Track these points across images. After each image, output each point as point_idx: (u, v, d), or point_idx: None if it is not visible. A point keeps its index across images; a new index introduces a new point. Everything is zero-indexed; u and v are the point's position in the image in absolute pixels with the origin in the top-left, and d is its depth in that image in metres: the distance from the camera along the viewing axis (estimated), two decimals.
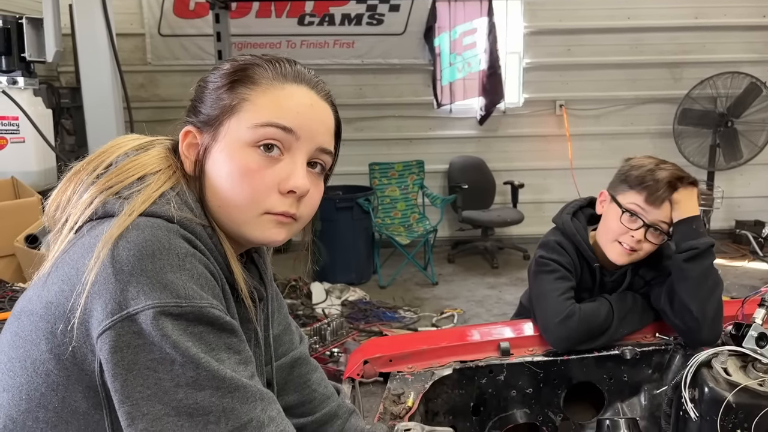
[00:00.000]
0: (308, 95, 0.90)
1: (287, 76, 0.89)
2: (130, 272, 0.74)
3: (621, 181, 1.67)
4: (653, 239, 1.63)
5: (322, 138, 0.91)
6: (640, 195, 1.61)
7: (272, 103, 0.87)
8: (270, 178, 0.86)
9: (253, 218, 0.87)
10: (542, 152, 6.24)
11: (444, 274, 5.49)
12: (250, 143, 0.86)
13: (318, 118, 0.90)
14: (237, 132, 0.87)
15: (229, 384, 0.76)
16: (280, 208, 0.87)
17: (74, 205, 0.85)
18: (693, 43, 6.10)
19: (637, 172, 1.64)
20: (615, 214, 1.64)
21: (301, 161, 0.88)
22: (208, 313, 0.76)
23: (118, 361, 0.73)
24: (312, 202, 0.91)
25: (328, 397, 1.15)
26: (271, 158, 0.86)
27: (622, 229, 1.62)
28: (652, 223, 1.61)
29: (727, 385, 1.37)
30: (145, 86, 5.93)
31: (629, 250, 1.63)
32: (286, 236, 0.90)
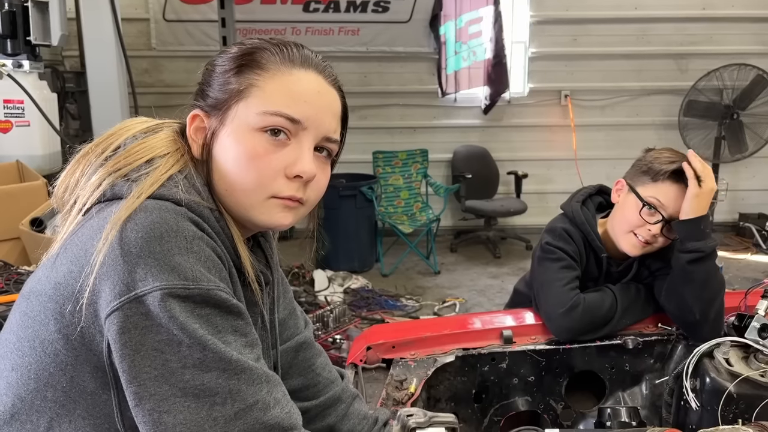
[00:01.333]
0: (316, 81, 0.90)
1: (295, 61, 0.89)
2: (138, 254, 0.74)
3: (642, 172, 1.62)
4: (670, 235, 1.59)
5: (329, 125, 0.91)
6: (661, 188, 1.57)
7: (280, 90, 0.87)
8: (277, 162, 0.87)
9: (260, 202, 0.87)
10: (546, 142, 6.23)
11: (446, 263, 5.50)
12: (258, 128, 0.86)
13: (325, 105, 0.91)
14: (245, 117, 0.87)
15: (236, 366, 0.76)
16: (287, 192, 0.87)
17: (83, 187, 0.85)
18: (700, 35, 6.07)
19: (666, 164, 1.58)
20: (633, 206, 1.60)
21: (308, 146, 0.89)
22: (215, 295, 0.77)
23: (126, 341, 0.74)
24: (319, 187, 0.92)
25: (332, 382, 1.15)
26: (278, 143, 0.87)
27: (640, 222, 1.59)
28: (672, 218, 1.57)
29: (729, 375, 1.37)
30: (149, 72, 5.92)
31: (644, 243, 1.60)
32: (292, 220, 0.91)
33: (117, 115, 2.96)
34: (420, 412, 1.27)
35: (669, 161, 1.58)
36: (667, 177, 1.57)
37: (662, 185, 1.57)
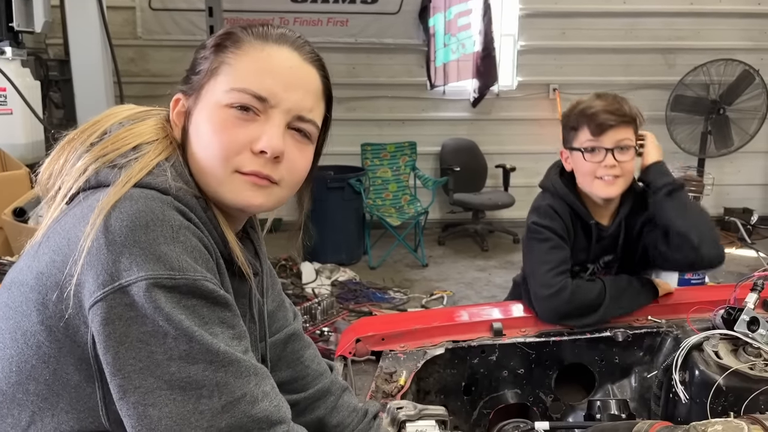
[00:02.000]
0: (289, 57, 0.88)
1: (269, 37, 0.88)
2: (123, 243, 0.72)
3: (567, 130, 1.76)
4: (625, 157, 1.68)
5: (302, 103, 0.87)
6: (586, 131, 1.69)
7: (249, 66, 0.85)
8: (242, 136, 0.84)
9: (225, 177, 0.84)
10: (535, 136, 6.22)
11: (434, 256, 5.49)
12: (225, 105, 0.84)
13: (298, 81, 0.88)
14: (214, 94, 0.85)
15: (223, 358, 0.74)
16: (250, 167, 0.84)
17: (67, 173, 0.83)
18: (687, 30, 6.08)
19: (573, 113, 1.73)
20: (579, 158, 1.71)
21: (277, 123, 0.85)
22: (201, 286, 0.75)
23: (110, 333, 0.72)
24: (295, 168, 0.89)
25: (321, 374, 1.14)
26: (246, 117, 0.84)
27: (593, 166, 1.68)
28: (614, 146, 1.67)
29: (718, 368, 1.38)
30: (135, 61, 5.85)
31: (612, 179, 1.68)
32: (264, 201, 0.87)
33: (102, 104, 2.91)
34: (410, 405, 1.26)
35: (576, 111, 1.72)
36: (583, 120, 1.69)
37: (584, 129, 1.69)
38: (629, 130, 1.69)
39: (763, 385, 1.33)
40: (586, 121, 1.68)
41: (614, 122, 1.66)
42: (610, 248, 1.79)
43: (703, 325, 1.55)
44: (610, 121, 1.66)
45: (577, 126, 1.71)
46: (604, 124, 1.66)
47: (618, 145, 1.66)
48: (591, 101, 1.71)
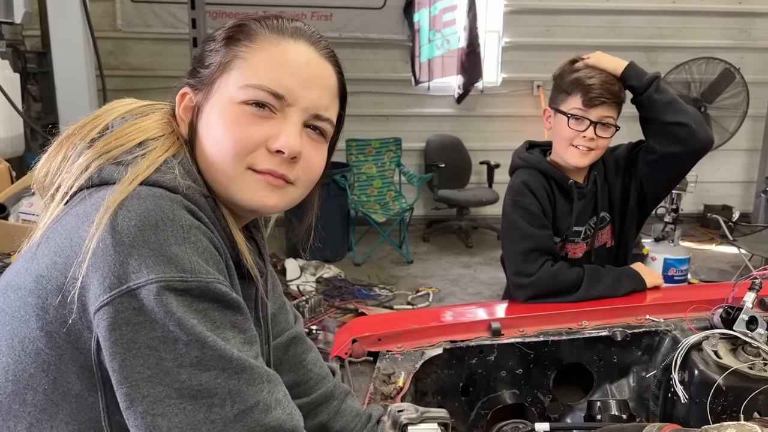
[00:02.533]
0: (305, 52, 0.84)
1: (284, 31, 0.84)
2: (131, 243, 0.69)
3: (558, 91, 1.79)
4: (604, 134, 1.74)
5: (319, 101, 0.85)
6: (578, 99, 1.72)
7: (265, 61, 0.82)
8: (258, 133, 0.80)
9: (238, 175, 0.81)
10: (519, 133, 6.21)
11: (419, 252, 5.49)
12: (240, 101, 0.81)
13: (315, 79, 0.84)
14: (227, 90, 0.82)
15: (236, 365, 0.71)
16: (265, 165, 0.81)
17: (67, 171, 0.79)
18: (670, 28, 6.14)
19: (570, 77, 1.75)
20: (562, 122, 1.75)
21: (295, 121, 0.83)
22: (214, 288, 0.71)
23: (117, 339, 0.68)
24: (311, 167, 0.86)
25: (323, 378, 1.11)
26: (262, 114, 0.81)
27: (573, 133, 1.74)
28: (599, 120, 1.71)
29: (717, 368, 1.37)
30: (114, 53, 5.74)
31: (586, 150, 1.74)
32: (278, 202, 0.84)
33: (84, 98, 2.84)
34: (411, 408, 1.24)
35: (573, 77, 1.74)
36: (577, 88, 1.72)
37: (576, 96, 1.72)
38: (615, 110, 1.75)
39: (763, 385, 1.33)
40: (581, 91, 1.72)
41: (606, 99, 1.71)
42: (593, 206, 1.87)
43: (701, 324, 1.55)
44: (603, 97, 1.70)
45: (570, 91, 1.75)
46: (597, 98, 1.70)
47: (603, 120, 1.72)
48: (589, 72, 1.74)
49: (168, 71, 5.65)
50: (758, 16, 6.08)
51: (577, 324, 1.58)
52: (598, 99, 1.70)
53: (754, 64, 5.95)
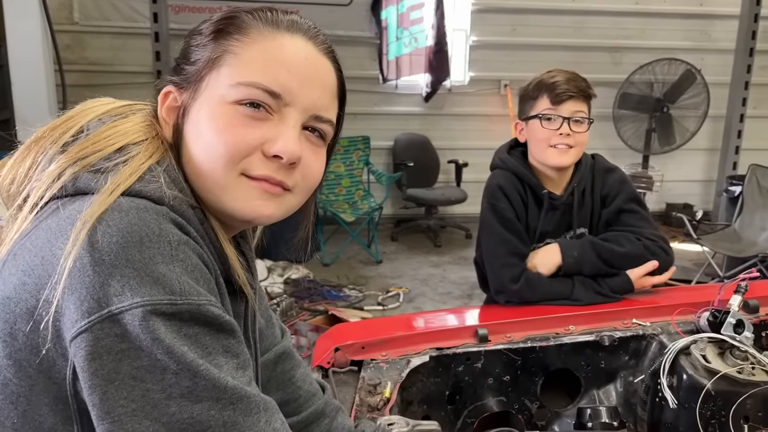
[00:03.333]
0: (303, 47, 0.77)
1: (279, 24, 0.77)
2: (113, 263, 0.61)
3: (524, 102, 1.80)
4: (578, 129, 1.73)
5: (319, 100, 0.78)
6: (545, 100, 1.72)
7: (259, 57, 0.75)
8: (253, 136, 0.73)
9: (231, 182, 0.73)
10: (486, 132, 6.24)
11: (387, 252, 5.44)
12: (232, 101, 0.74)
13: (314, 76, 0.78)
14: (216, 88, 0.74)
15: (231, 394, 0.65)
16: (260, 171, 0.74)
17: (36, 179, 0.70)
18: (633, 29, 6.23)
19: (533, 85, 1.77)
20: (535, 125, 1.75)
21: (293, 123, 0.76)
22: (206, 311, 0.64)
23: (97, 369, 0.61)
24: (310, 173, 0.79)
25: (313, 395, 1.05)
26: (257, 115, 0.74)
27: (548, 133, 1.72)
28: (571, 116, 1.71)
29: (706, 372, 1.35)
30: (71, 48, 5.52)
31: (565, 148, 1.73)
32: (275, 211, 0.77)
33: (42, 93, 2.70)
34: (402, 421, 1.19)
35: (536, 83, 1.76)
36: (543, 90, 1.73)
37: (543, 98, 1.73)
38: (585, 105, 1.75)
39: (751, 389, 1.32)
40: (546, 91, 1.72)
41: (573, 93, 1.71)
42: (568, 220, 1.84)
43: (687, 327, 1.54)
44: (570, 92, 1.70)
45: (536, 96, 1.75)
46: (563, 94, 1.70)
47: (574, 115, 1.72)
48: (552, 73, 1.76)
49: (128, 66, 5.49)
50: (718, 18, 6.21)
51: (564, 329, 1.55)
52: (565, 94, 1.70)
53: (714, 66, 6.07)
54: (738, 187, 4.81)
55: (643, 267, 1.72)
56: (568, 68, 5.89)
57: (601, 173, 1.84)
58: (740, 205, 4.69)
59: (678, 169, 6.51)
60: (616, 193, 1.82)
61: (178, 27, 5.43)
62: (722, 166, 6.01)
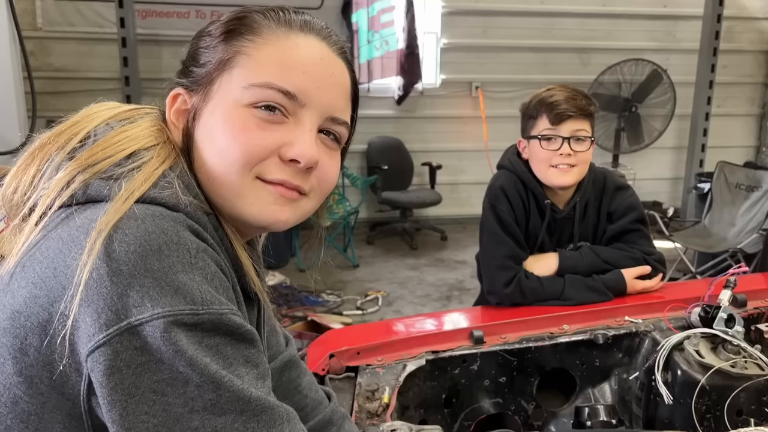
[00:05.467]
0: (318, 48, 0.76)
1: (292, 24, 0.76)
2: (131, 273, 0.59)
3: (526, 119, 1.79)
4: (580, 147, 1.71)
5: (335, 103, 0.77)
6: (545, 119, 1.71)
7: (272, 57, 0.73)
8: (270, 140, 0.71)
9: (245, 187, 0.72)
10: (458, 134, 6.28)
11: (364, 256, 5.42)
12: (246, 104, 0.72)
13: (329, 77, 0.76)
14: (229, 90, 0.72)
15: (255, 406, 0.62)
16: (276, 175, 0.72)
17: (43, 188, 0.67)
18: (600, 30, 6.32)
19: (533, 102, 1.76)
20: (536, 146, 1.74)
21: (310, 127, 0.74)
22: (228, 321, 0.62)
23: (116, 384, 0.58)
24: (327, 177, 0.78)
25: (320, 403, 1.03)
26: (272, 118, 0.72)
27: (548, 153, 1.71)
28: (571, 135, 1.70)
29: (700, 367, 1.37)
30: (35, 54, 5.37)
31: (567, 167, 1.71)
32: (290, 216, 0.75)
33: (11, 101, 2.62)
34: (405, 427, 1.18)
35: (536, 101, 1.75)
36: (542, 109, 1.72)
37: (543, 117, 1.72)
38: (586, 123, 1.74)
39: (744, 382, 1.34)
40: (546, 110, 1.71)
41: (573, 113, 1.69)
42: (569, 233, 1.83)
43: (678, 323, 1.55)
44: (569, 112, 1.69)
45: (536, 115, 1.74)
46: (563, 114, 1.69)
47: (575, 135, 1.70)
48: (552, 91, 1.74)
49: (95, 73, 5.38)
50: (682, 18, 6.35)
51: (558, 328, 1.56)
52: (564, 114, 1.68)
53: (680, 65, 6.20)
54: (706, 184, 4.92)
55: (636, 269, 1.74)
56: (537, 69, 5.96)
57: (611, 190, 1.83)
58: (709, 201, 4.80)
59: (646, 167, 6.63)
60: (624, 213, 1.81)
61: (146, 32, 5.35)
62: (689, 164, 6.14)
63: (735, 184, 4.69)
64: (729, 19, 6.05)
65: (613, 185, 1.84)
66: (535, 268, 1.73)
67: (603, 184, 1.83)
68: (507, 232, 1.73)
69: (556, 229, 1.82)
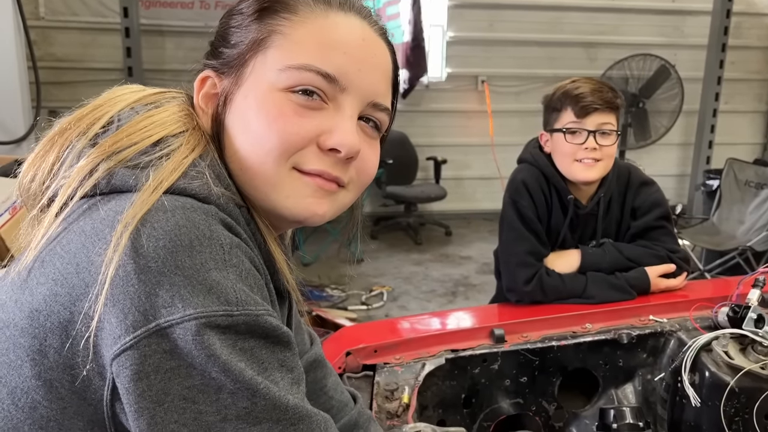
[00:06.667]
0: (359, 27, 0.71)
1: (331, 1, 0.70)
2: (160, 270, 0.54)
3: (550, 112, 1.74)
4: (605, 141, 1.67)
5: (377, 87, 0.71)
6: (569, 112, 1.66)
7: (311, 37, 0.68)
8: (309, 127, 0.67)
9: (283, 178, 0.67)
10: (464, 128, 6.22)
11: (368, 250, 5.36)
12: (283, 88, 0.67)
13: (371, 59, 0.71)
14: (264, 73, 0.67)
15: (292, 414, 0.58)
16: (314, 165, 0.67)
17: (63, 176, 0.62)
18: (608, 25, 6.26)
19: (557, 95, 1.71)
20: (560, 140, 1.69)
21: (351, 113, 0.69)
22: (263, 323, 0.58)
23: (144, 391, 0.54)
24: (367, 167, 0.73)
25: (345, 405, 0.98)
26: (311, 104, 0.67)
27: (573, 147, 1.67)
28: (597, 129, 1.65)
29: (729, 369, 1.33)
30: (37, 44, 5.28)
31: (592, 162, 1.67)
32: (328, 209, 0.70)
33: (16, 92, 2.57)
34: (428, 429, 1.13)
35: (560, 93, 1.70)
36: (567, 102, 1.67)
37: (567, 110, 1.67)
38: (612, 116, 1.69)
39: None
40: (570, 103, 1.66)
41: (599, 106, 1.65)
42: (592, 229, 1.78)
43: (704, 323, 1.51)
44: (595, 105, 1.65)
45: (560, 107, 1.69)
46: (588, 106, 1.64)
47: (600, 128, 1.65)
48: (577, 83, 1.69)
49: (98, 63, 5.31)
50: (690, 14, 6.29)
51: (581, 327, 1.51)
52: (590, 107, 1.64)
53: (687, 61, 6.14)
54: (715, 181, 4.87)
55: (661, 266, 1.69)
56: (544, 64, 5.91)
57: (635, 186, 1.79)
58: (718, 198, 4.74)
59: (652, 164, 6.56)
60: (649, 209, 1.77)
61: (149, 22, 5.28)
62: (696, 161, 6.09)
63: (744, 181, 4.64)
64: (737, 15, 5.98)
65: (638, 181, 1.80)
66: (556, 265, 1.69)
67: (627, 180, 1.78)
68: (528, 227, 1.69)
69: (579, 225, 1.77)
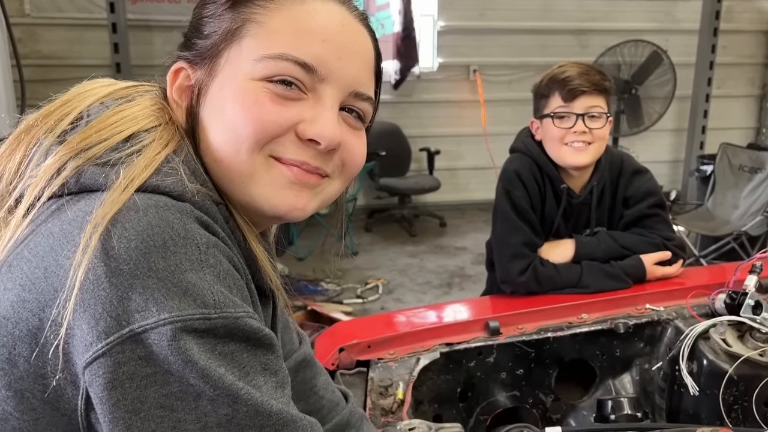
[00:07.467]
0: (338, 13, 0.68)
1: None
2: (133, 272, 0.51)
3: (538, 99, 1.73)
4: (595, 124, 1.65)
5: (359, 75, 0.69)
6: (557, 97, 1.65)
7: (287, 25, 0.65)
8: (287, 115, 0.64)
9: (258, 168, 0.64)
10: (456, 118, 6.19)
11: (363, 243, 5.34)
12: (259, 78, 0.64)
13: (352, 46, 0.68)
14: (239, 64, 0.64)
15: (276, 420, 0.55)
16: (293, 155, 0.65)
17: (30, 175, 0.59)
18: (599, 11, 6.24)
19: (545, 81, 1.70)
20: (549, 124, 1.67)
21: (331, 103, 0.66)
22: (243, 325, 0.55)
23: (118, 400, 0.51)
24: (354, 157, 0.70)
25: (336, 404, 0.96)
26: (289, 94, 0.64)
27: (561, 131, 1.65)
28: (585, 111, 1.63)
29: (727, 356, 1.31)
30: (23, 41, 5.24)
31: (582, 145, 1.65)
32: (308, 202, 0.67)
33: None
34: (423, 425, 1.11)
35: (548, 78, 1.69)
36: (554, 87, 1.66)
37: (555, 95, 1.66)
38: (601, 99, 1.67)
39: None
40: (558, 87, 1.65)
41: (586, 88, 1.63)
42: (586, 218, 1.77)
43: (701, 311, 1.49)
44: (583, 87, 1.64)
45: (548, 93, 1.68)
46: (575, 89, 1.63)
47: (589, 111, 1.64)
48: (564, 68, 1.68)
49: (85, 60, 5.25)
50: None
51: (576, 317, 1.49)
52: (577, 90, 1.62)
53: (679, 46, 6.12)
54: (709, 166, 4.86)
55: (656, 254, 1.67)
56: (536, 52, 5.88)
57: (627, 174, 1.77)
58: (712, 184, 4.74)
59: (646, 150, 6.54)
60: (642, 198, 1.75)
61: (136, 18, 5.22)
62: (689, 147, 6.08)
63: (738, 166, 4.63)
64: None
65: (630, 169, 1.78)
66: (550, 255, 1.67)
67: (620, 168, 1.76)
68: (522, 218, 1.67)
69: (572, 215, 1.75)
